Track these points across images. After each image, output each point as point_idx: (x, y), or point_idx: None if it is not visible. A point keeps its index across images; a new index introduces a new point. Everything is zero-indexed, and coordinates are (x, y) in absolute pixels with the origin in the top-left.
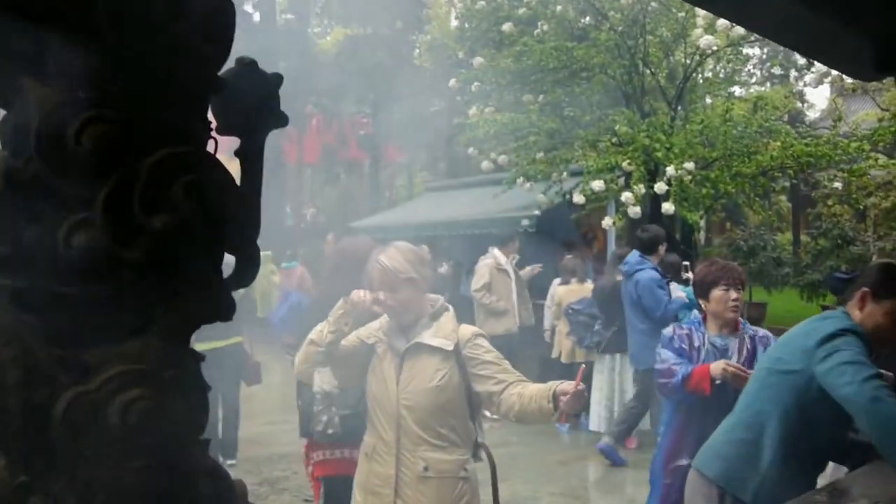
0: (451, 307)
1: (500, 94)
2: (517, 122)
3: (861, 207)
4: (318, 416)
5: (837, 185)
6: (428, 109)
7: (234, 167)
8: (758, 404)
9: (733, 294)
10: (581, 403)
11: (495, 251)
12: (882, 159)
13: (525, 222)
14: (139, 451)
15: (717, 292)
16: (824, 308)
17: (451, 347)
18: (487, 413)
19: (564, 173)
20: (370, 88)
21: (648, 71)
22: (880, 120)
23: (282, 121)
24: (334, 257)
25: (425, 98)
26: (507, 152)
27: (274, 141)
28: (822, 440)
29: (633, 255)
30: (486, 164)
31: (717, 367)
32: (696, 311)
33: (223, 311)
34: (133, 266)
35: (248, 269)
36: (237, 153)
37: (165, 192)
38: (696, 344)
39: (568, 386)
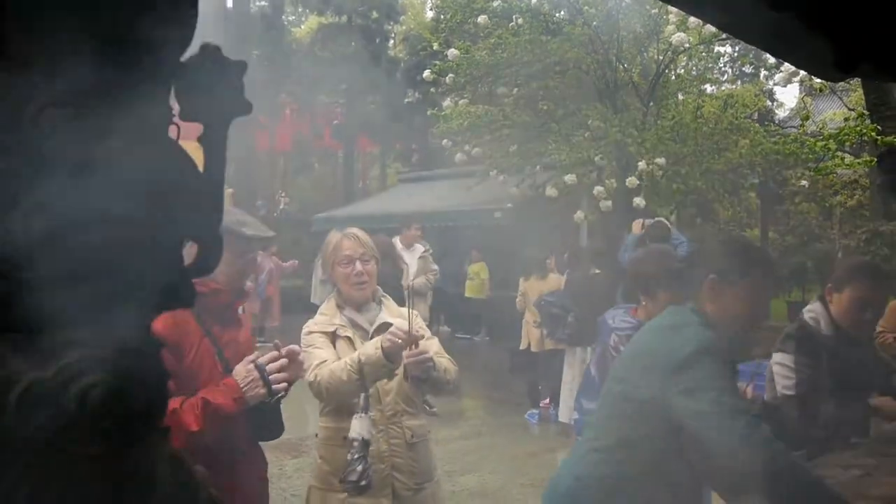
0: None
1: (475, 87)
2: (491, 115)
3: (827, 205)
4: (352, 466)
5: (804, 183)
6: (402, 100)
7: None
8: (611, 435)
9: None
10: (421, 364)
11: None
12: (848, 158)
13: (497, 215)
14: (96, 437)
15: None
16: (790, 304)
17: (406, 326)
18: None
19: (538, 167)
20: (344, 78)
21: (622, 66)
22: (846, 119)
23: (245, 108)
24: None
25: (399, 89)
26: (480, 145)
27: (247, 129)
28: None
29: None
30: (459, 157)
31: None
32: None
33: (184, 298)
34: (90, 250)
35: (210, 256)
36: (200, 140)
37: (119, 175)
38: None
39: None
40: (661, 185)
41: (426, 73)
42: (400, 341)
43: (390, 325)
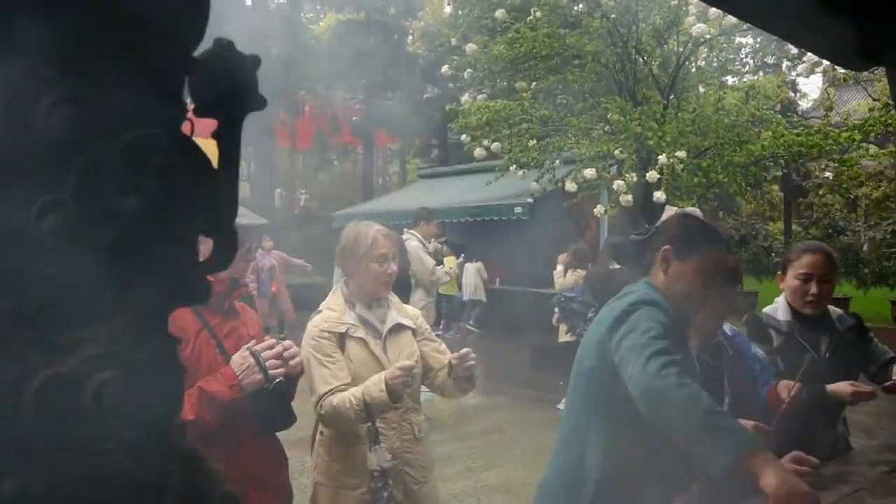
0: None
1: (493, 81)
2: (510, 109)
3: (852, 197)
4: (378, 494)
5: (828, 174)
6: (421, 96)
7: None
8: (572, 419)
9: None
10: (468, 367)
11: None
12: (873, 149)
13: (518, 210)
14: (112, 433)
15: None
16: None
17: (413, 325)
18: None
19: (557, 161)
20: (363, 74)
21: (641, 59)
22: (871, 110)
23: (259, 103)
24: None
25: (418, 85)
26: (499, 139)
27: (267, 126)
28: (661, 448)
29: None
30: (478, 152)
31: None
32: None
33: (199, 294)
34: (105, 248)
35: (225, 252)
36: (214, 135)
37: (137, 174)
38: None
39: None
40: (682, 179)
41: (444, 69)
42: (402, 381)
43: (402, 325)
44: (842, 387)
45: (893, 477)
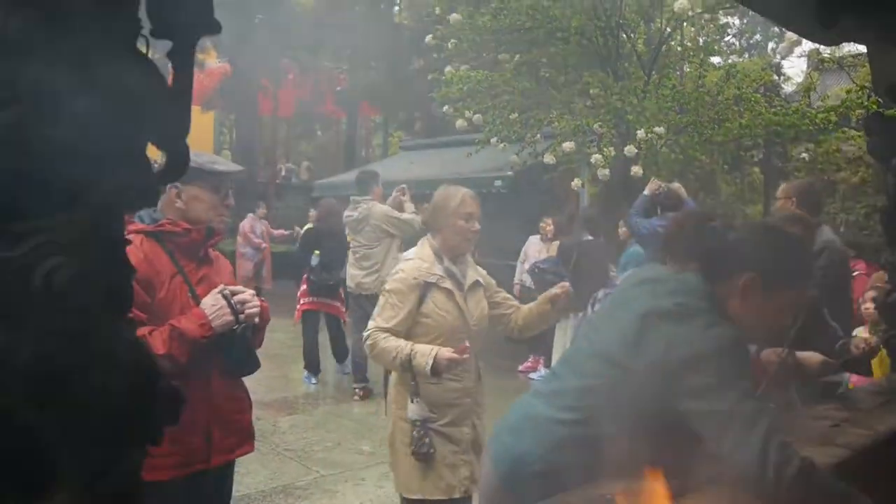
0: None
1: (477, 53)
2: (491, 80)
3: (828, 179)
4: (420, 440)
5: (805, 155)
6: (406, 68)
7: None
8: (596, 418)
9: None
10: (568, 296)
11: None
12: (851, 133)
13: (498, 182)
14: (61, 316)
15: None
16: None
17: (484, 283)
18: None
19: (538, 135)
20: (348, 44)
21: (625, 35)
22: (848, 92)
23: (213, 27)
24: None
25: (404, 56)
26: (481, 111)
27: (250, 93)
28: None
29: None
30: (460, 123)
31: None
32: None
33: (149, 198)
34: (59, 145)
35: (176, 165)
36: (168, 55)
37: (88, 76)
38: None
39: (557, 289)
40: (661, 155)
41: (428, 38)
42: (447, 365)
43: (479, 282)
44: (811, 357)
45: (835, 431)
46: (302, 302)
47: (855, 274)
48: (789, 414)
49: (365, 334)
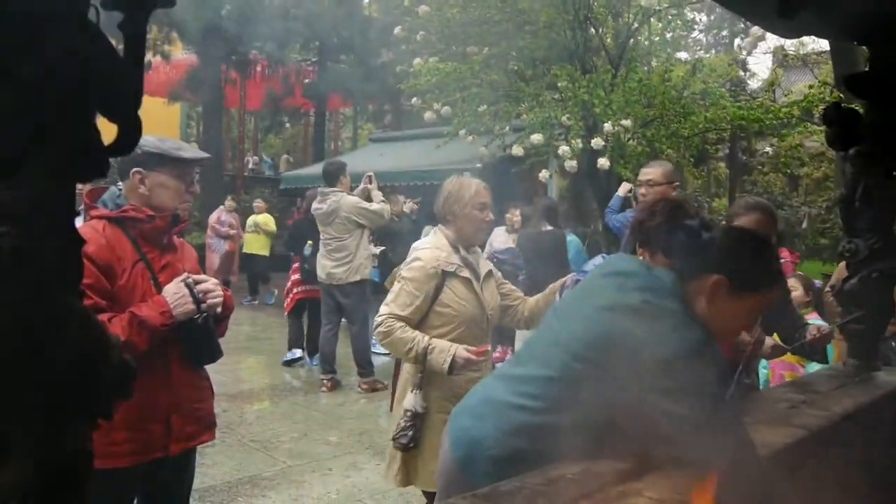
0: None
1: (446, 45)
2: (460, 73)
3: (790, 172)
4: (405, 431)
5: (768, 150)
6: (375, 60)
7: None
8: (556, 408)
9: None
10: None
11: None
12: (813, 128)
13: (466, 174)
14: (6, 287)
15: None
16: None
17: (494, 272)
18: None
19: (507, 127)
20: (317, 36)
21: (593, 29)
22: (810, 87)
23: (168, 1)
24: None
25: (373, 48)
26: (450, 104)
27: (217, 85)
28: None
29: None
30: (428, 115)
31: None
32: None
33: (100, 170)
34: (4, 112)
35: (128, 137)
36: (120, 26)
37: (37, 43)
38: None
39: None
40: (627, 147)
41: (397, 30)
42: (464, 366)
43: (491, 272)
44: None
45: (792, 412)
46: (295, 291)
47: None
48: (750, 396)
49: (378, 320)
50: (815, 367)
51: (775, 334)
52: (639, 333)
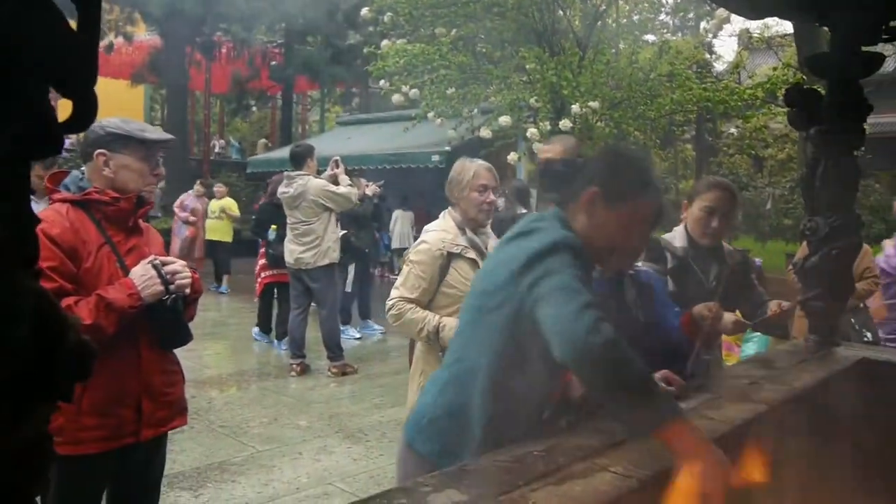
0: None
1: (414, 27)
2: (428, 55)
3: (754, 154)
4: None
5: (733, 131)
6: (343, 42)
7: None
8: (467, 356)
9: None
10: None
11: None
12: (779, 111)
13: (435, 157)
14: None
15: None
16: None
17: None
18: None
19: (475, 109)
20: (283, 17)
21: (561, 11)
22: (774, 69)
23: None
24: None
25: (341, 30)
26: (418, 86)
27: (181, 68)
28: (543, 391)
29: None
30: (396, 98)
31: None
32: None
33: (52, 147)
34: None
35: (84, 114)
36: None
37: None
38: None
39: None
40: (595, 129)
41: (364, 12)
42: None
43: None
44: (725, 316)
45: (752, 388)
46: (263, 276)
47: None
48: (712, 372)
49: (389, 303)
50: (751, 347)
51: (737, 310)
52: (516, 248)
